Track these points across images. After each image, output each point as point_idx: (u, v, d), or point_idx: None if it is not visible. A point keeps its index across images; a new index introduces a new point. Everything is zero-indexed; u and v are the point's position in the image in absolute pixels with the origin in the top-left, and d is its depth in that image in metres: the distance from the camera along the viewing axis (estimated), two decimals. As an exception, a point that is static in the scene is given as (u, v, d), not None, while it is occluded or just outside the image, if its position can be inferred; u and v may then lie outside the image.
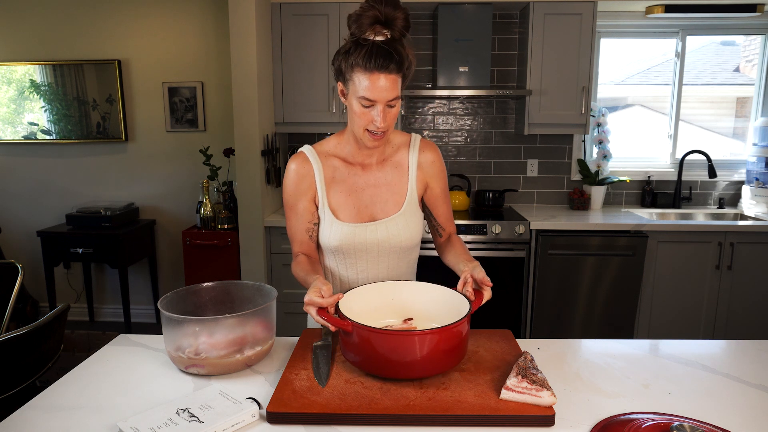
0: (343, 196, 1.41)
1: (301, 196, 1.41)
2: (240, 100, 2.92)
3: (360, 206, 1.41)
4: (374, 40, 1.24)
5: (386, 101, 1.25)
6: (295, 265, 1.38)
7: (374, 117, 1.26)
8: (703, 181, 3.53)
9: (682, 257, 2.97)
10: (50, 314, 1.71)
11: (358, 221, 1.40)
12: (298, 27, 3.08)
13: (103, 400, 1.10)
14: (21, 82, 3.59)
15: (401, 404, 1.03)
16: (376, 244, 1.40)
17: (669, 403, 1.09)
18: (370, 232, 1.39)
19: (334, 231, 1.39)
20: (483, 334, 1.36)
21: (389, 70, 1.22)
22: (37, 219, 3.76)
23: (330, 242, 1.40)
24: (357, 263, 1.43)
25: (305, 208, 1.41)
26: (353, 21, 1.26)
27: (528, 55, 3.09)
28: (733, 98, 3.65)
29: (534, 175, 3.54)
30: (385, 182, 1.42)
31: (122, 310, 3.57)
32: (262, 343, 1.24)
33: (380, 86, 1.23)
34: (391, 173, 1.43)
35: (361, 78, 1.24)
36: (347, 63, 1.26)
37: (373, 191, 1.42)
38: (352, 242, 1.39)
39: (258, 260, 3.02)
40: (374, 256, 1.42)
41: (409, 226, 1.42)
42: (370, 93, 1.23)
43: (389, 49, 1.22)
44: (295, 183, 1.41)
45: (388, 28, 1.25)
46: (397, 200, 1.42)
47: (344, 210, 1.41)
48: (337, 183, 1.41)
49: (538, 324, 3.04)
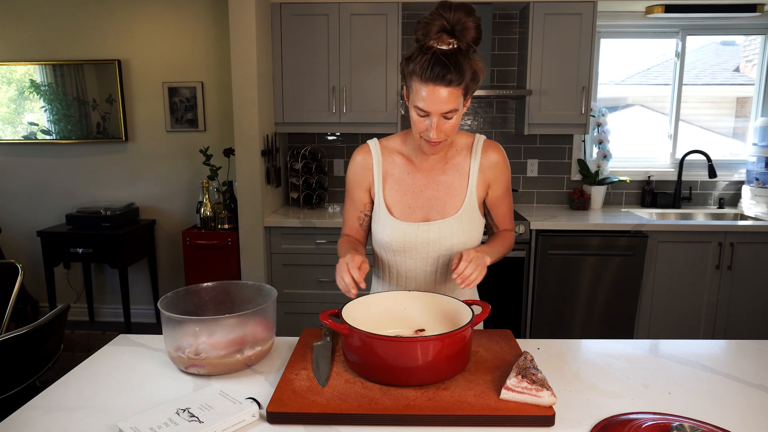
0: (399, 194, 1.41)
1: (357, 186, 1.45)
2: (240, 100, 2.92)
3: (415, 206, 1.41)
4: (437, 48, 1.19)
5: (440, 113, 1.22)
6: (340, 243, 1.45)
7: (428, 126, 1.24)
8: (703, 181, 3.53)
9: (682, 257, 2.96)
10: (50, 314, 1.71)
11: (412, 220, 1.40)
12: (298, 27, 3.08)
13: (103, 400, 1.10)
14: (21, 82, 3.59)
15: (401, 404, 1.03)
16: (427, 244, 1.39)
17: (669, 403, 1.09)
18: (422, 232, 1.39)
19: (387, 227, 1.40)
20: (483, 334, 1.36)
21: (446, 82, 1.18)
22: (37, 219, 3.76)
23: (381, 237, 1.42)
24: (406, 261, 1.43)
25: (359, 198, 1.45)
26: (421, 27, 1.21)
27: (528, 55, 3.09)
28: (733, 98, 3.65)
29: (534, 175, 3.54)
30: (445, 185, 1.40)
31: (122, 310, 3.57)
32: (262, 343, 1.24)
33: (435, 98, 1.19)
34: (452, 176, 1.41)
35: (418, 87, 1.21)
36: (408, 69, 1.23)
37: (432, 193, 1.41)
38: (402, 240, 1.39)
39: (258, 260, 3.02)
40: (423, 256, 1.41)
41: (464, 230, 1.39)
42: (424, 104, 1.21)
43: (448, 62, 1.17)
44: (354, 172, 1.45)
45: (455, 38, 1.19)
46: (454, 203, 1.40)
47: (398, 207, 1.41)
48: (395, 180, 1.42)
49: (538, 324, 3.03)
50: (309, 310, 3.06)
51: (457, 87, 1.20)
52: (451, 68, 1.17)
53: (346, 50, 3.09)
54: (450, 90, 1.19)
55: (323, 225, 2.98)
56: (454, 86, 1.19)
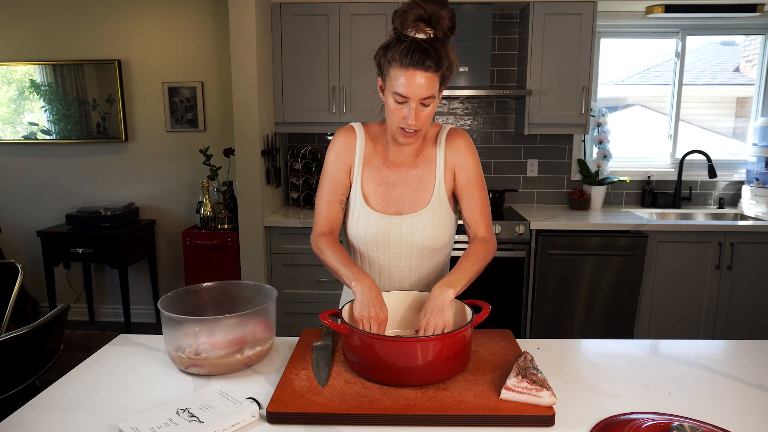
0: (374, 185, 1.41)
1: (340, 166, 1.42)
2: (240, 100, 2.92)
3: (388, 199, 1.40)
4: (415, 36, 1.22)
5: (420, 98, 1.23)
6: (324, 245, 1.36)
7: (406, 114, 1.25)
8: (703, 181, 3.53)
9: (682, 257, 2.96)
10: (50, 314, 1.71)
11: (385, 212, 1.39)
12: (298, 27, 3.08)
13: (103, 400, 1.10)
14: (21, 82, 3.59)
15: (401, 404, 1.03)
16: (399, 238, 1.39)
17: (669, 403, 1.09)
18: (395, 225, 1.38)
19: (362, 216, 1.39)
20: (483, 334, 1.36)
21: (425, 67, 1.20)
22: (37, 219, 3.76)
23: (356, 228, 1.41)
24: (379, 255, 1.42)
25: (341, 180, 1.42)
26: (398, 16, 1.24)
27: (528, 55, 3.09)
28: (733, 98, 3.65)
29: (534, 175, 3.53)
30: (415, 178, 1.40)
31: (122, 310, 3.57)
32: (262, 343, 1.24)
33: (415, 83, 1.21)
34: (422, 168, 1.41)
35: (397, 73, 1.23)
36: (386, 58, 1.25)
37: (403, 189, 1.40)
38: (375, 232, 1.39)
39: (258, 260, 3.02)
40: (396, 252, 1.41)
41: (435, 223, 1.38)
42: (403, 89, 1.22)
43: (428, 47, 1.20)
44: (338, 151, 1.42)
45: (431, 27, 1.23)
46: (425, 196, 1.39)
47: (374, 197, 1.41)
48: (373, 168, 1.41)
49: (538, 324, 3.03)
50: (309, 310, 3.06)
51: (435, 73, 1.23)
52: (431, 53, 1.20)
53: (346, 50, 3.09)
54: (429, 75, 1.22)
55: (323, 225, 2.97)
56: (432, 71, 1.22)
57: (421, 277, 1.45)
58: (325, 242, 1.38)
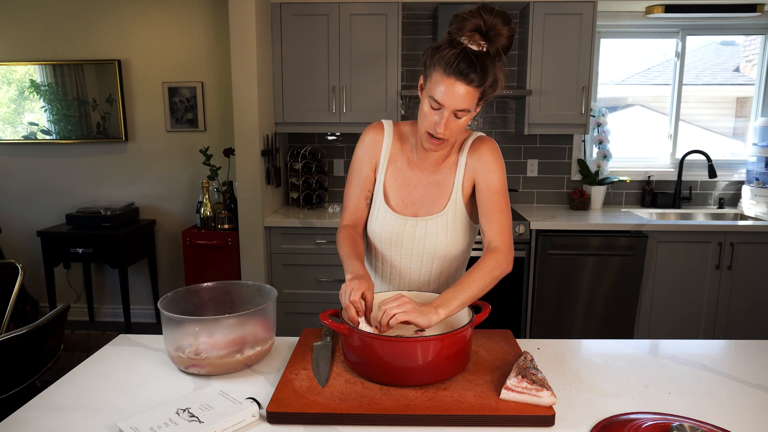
0: (397, 184, 1.41)
1: (366, 162, 1.42)
2: (240, 100, 2.92)
3: (408, 200, 1.40)
4: (467, 46, 1.18)
5: (454, 109, 1.20)
6: (341, 238, 1.38)
7: (437, 121, 1.23)
8: (703, 181, 3.53)
9: (682, 257, 2.96)
10: (50, 314, 1.71)
11: (402, 213, 1.40)
12: (298, 27, 3.08)
13: (103, 400, 1.10)
14: (21, 82, 3.59)
15: (401, 404, 1.03)
16: (413, 240, 1.39)
17: (669, 403, 1.09)
18: (409, 227, 1.38)
19: (380, 215, 1.40)
20: (483, 334, 1.36)
21: (468, 80, 1.17)
22: (37, 219, 3.76)
23: (373, 226, 1.41)
24: (392, 255, 1.42)
25: (367, 176, 1.42)
26: (456, 21, 1.20)
27: (528, 55, 3.09)
28: (733, 98, 3.65)
29: (534, 175, 3.53)
30: (435, 183, 1.39)
31: (122, 310, 3.57)
32: (262, 343, 1.24)
33: (453, 93, 1.18)
34: (443, 173, 1.40)
35: (438, 78, 1.20)
36: (432, 59, 1.22)
37: (423, 192, 1.40)
38: (390, 231, 1.39)
39: (258, 260, 3.02)
40: (408, 254, 1.41)
41: (448, 229, 1.37)
42: (440, 96, 1.20)
43: (476, 61, 1.16)
44: (365, 146, 1.42)
45: (486, 41, 1.18)
46: (441, 201, 1.39)
47: (395, 197, 1.41)
48: (396, 168, 1.41)
49: (538, 324, 3.03)
50: (309, 310, 3.06)
51: (476, 88, 1.19)
52: (476, 68, 1.16)
53: (346, 50, 3.09)
54: (469, 89, 1.18)
55: (323, 225, 2.98)
56: (474, 86, 1.18)
57: (431, 280, 1.44)
58: (342, 235, 1.39)
